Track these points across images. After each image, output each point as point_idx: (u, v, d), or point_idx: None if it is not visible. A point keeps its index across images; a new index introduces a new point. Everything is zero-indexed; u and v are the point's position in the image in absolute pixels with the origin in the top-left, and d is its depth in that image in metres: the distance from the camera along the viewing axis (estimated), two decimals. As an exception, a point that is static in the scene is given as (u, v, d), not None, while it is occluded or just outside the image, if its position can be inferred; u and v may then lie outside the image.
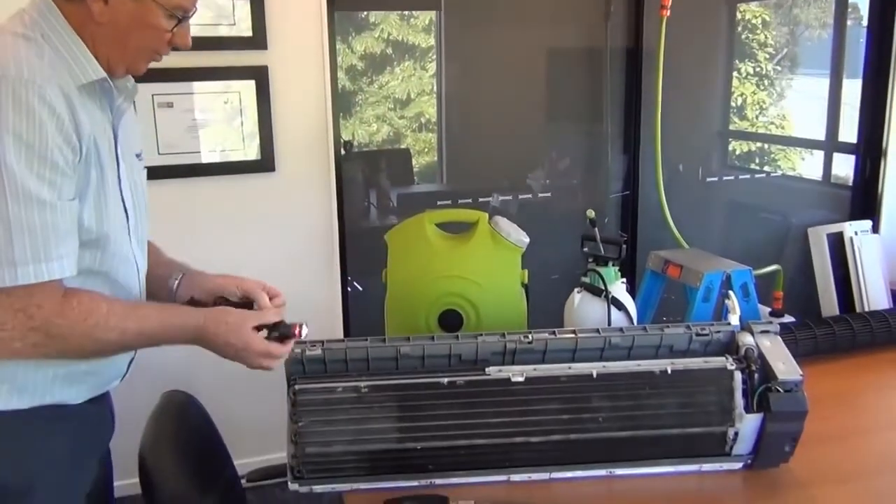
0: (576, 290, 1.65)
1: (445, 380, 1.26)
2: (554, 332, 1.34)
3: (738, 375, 1.31)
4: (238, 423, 1.89)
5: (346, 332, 2.72)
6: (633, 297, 1.69)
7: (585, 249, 1.67)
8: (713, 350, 1.37)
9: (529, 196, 3.02)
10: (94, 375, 1.22)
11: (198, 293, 1.33)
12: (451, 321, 1.62)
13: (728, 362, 1.32)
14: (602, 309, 1.59)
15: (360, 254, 2.79)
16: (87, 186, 1.12)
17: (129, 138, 1.27)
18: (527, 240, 1.64)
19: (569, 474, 1.32)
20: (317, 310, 2.64)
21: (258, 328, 1.20)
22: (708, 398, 1.32)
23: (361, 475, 1.28)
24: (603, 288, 1.59)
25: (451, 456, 1.29)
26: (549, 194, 3.08)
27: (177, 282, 1.37)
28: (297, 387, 1.25)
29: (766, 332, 1.36)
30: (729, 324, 1.38)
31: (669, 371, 1.30)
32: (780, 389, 1.29)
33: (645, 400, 1.31)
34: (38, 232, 1.04)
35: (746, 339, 1.34)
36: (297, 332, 1.23)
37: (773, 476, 1.35)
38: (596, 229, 1.66)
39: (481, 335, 1.32)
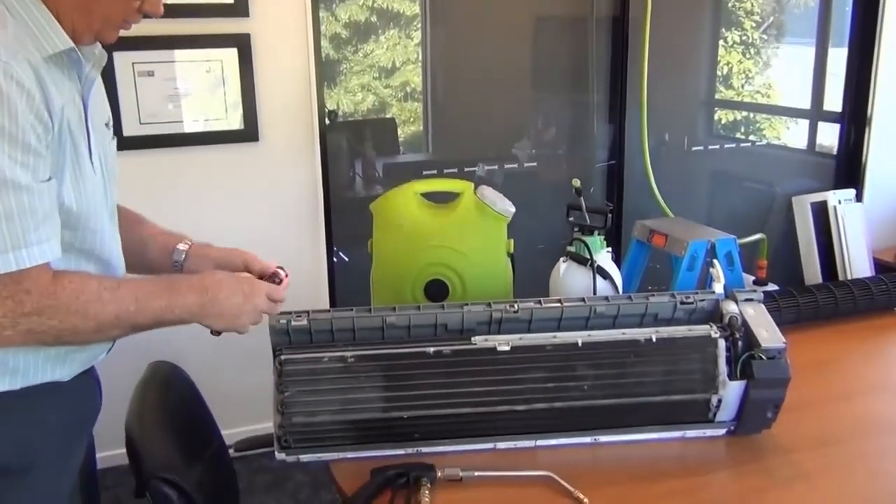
0: (561, 259, 1.65)
1: (431, 349, 1.26)
2: (540, 302, 1.34)
3: (721, 343, 1.31)
4: (225, 393, 1.89)
5: (332, 303, 2.72)
6: (619, 266, 1.68)
7: (571, 219, 1.66)
8: (697, 318, 1.37)
9: (515, 166, 3.01)
10: (82, 352, 1.20)
11: (204, 267, 1.31)
12: (437, 291, 1.61)
13: (712, 330, 1.32)
14: (587, 278, 1.59)
15: (346, 224, 2.77)
16: (64, 163, 1.09)
17: (98, 107, 1.22)
18: (512, 209, 1.63)
19: (553, 441, 1.33)
20: (303, 280, 2.62)
21: None
22: (692, 366, 1.32)
23: (348, 444, 1.28)
24: (588, 257, 1.59)
25: (437, 425, 1.29)
26: (534, 164, 3.07)
27: (184, 254, 1.34)
28: (282, 357, 1.24)
29: (750, 300, 1.36)
30: (713, 292, 1.38)
31: (654, 339, 1.30)
32: (763, 357, 1.29)
33: (630, 368, 1.31)
34: (15, 218, 1.00)
35: (730, 308, 1.35)
36: (284, 275, 1.30)
37: (755, 441, 1.36)
38: (581, 199, 1.65)
39: (467, 305, 1.32)
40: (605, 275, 1.60)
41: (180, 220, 1.48)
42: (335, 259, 2.75)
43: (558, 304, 1.34)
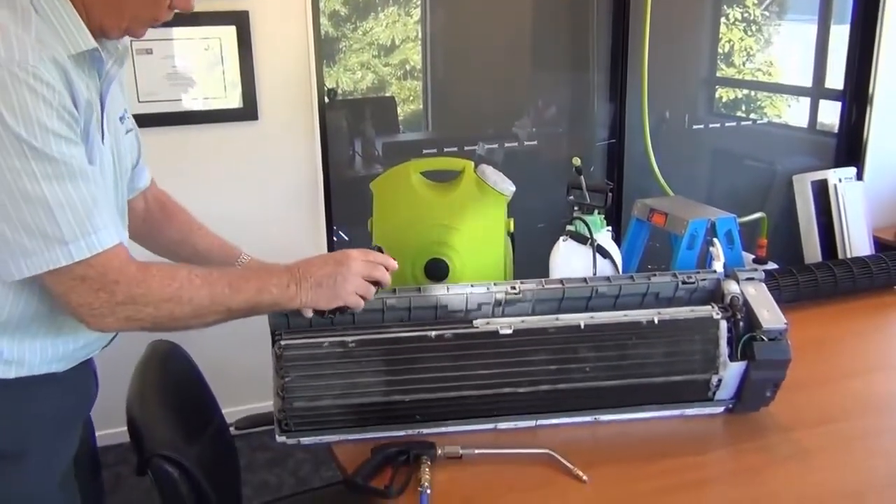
0: (561, 238, 1.64)
1: (433, 333, 1.25)
2: (541, 283, 1.32)
3: (723, 325, 1.30)
4: (225, 372, 1.89)
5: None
6: (619, 245, 1.68)
7: (571, 198, 1.66)
8: (699, 298, 1.37)
9: (515, 144, 2.98)
10: (82, 349, 1.20)
11: None
12: (437, 270, 1.60)
13: (714, 311, 1.31)
14: (587, 257, 1.58)
15: (346, 203, 2.76)
16: (92, 158, 1.09)
17: (115, 102, 1.22)
18: (513, 188, 1.62)
19: (554, 421, 1.33)
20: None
21: None
22: (693, 346, 1.32)
23: (349, 427, 1.28)
24: (588, 236, 1.58)
25: (439, 407, 1.29)
26: (535, 143, 3.05)
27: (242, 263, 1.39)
28: (282, 342, 1.22)
29: (751, 279, 1.36)
30: (714, 271, 1.37)
31: (656, 321, 1.29)
32: (764, 338, 1.29)
33: (631, 349, 1.30)
34: (77, 205, 1.01)
35: (732, 287, 1.34)
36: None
37: (754, 419, 1.36)
38: (582, 177, 1.64)
39: (469, 286, 1.31)
40: (605, 254, 1.59)
41: (179, 199, 1.48)
42: (335, 238, 2.74)
43: (560, 285, 1.32)
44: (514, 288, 1.30)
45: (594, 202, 1.63)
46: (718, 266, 1.39)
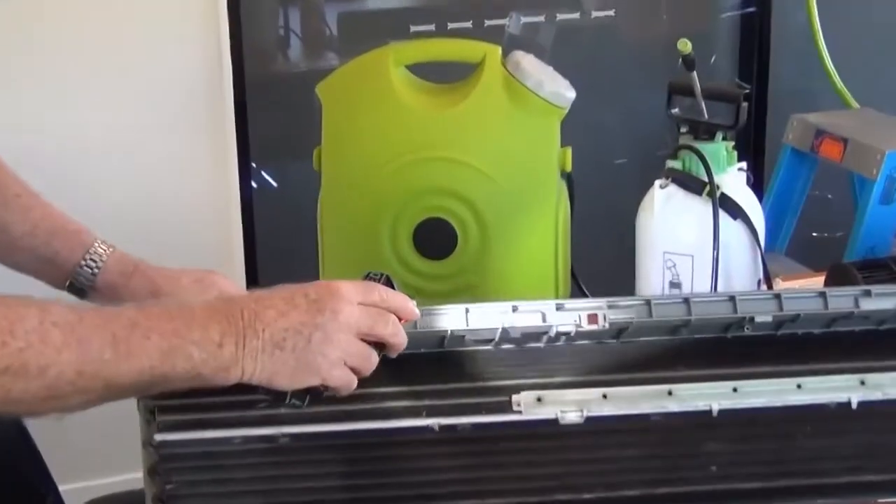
0: (657, 182, 1.62)
1: (436, 423, 1.21)
2: (648, 304, 1.29)
3: None
4: (66, 431, 1.92)
5: (250, 267, 2.71)
6: (760, 195, 1.69)
7: (675, 111, 1.65)
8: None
9: (576, 16, 3.00)
10: None
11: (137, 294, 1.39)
12: (435, 240, 1.61)
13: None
14: (703, 216, 1.56)
15: (273, 123, 2.70)
16: None
17: None
18: (571, 94, 1.61)
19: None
20: (196, 228, 2.56)
21: None
22: None
23: None
24: (706, 180, 1.58)
25: None
26: (611, 13, 3.04)
27: (102, 259, 1.44)
28: (157, 438, 1.19)
29: None
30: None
31: (855, 405, 1.27)
32: None
33: (801, 442, 1.29)
34: None
35: None
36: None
37: None
38: (694, 74, 1.62)
39: (507, 308, 1.27)
40: (736, 211, 1.59)
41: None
42: (254, 185, 2.71)
43: (682, 303, 1.30)
44: (595, 318, 1.28)
45: (717, 120, 1.63)
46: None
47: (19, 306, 1.07)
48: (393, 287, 1.22)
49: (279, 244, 2.70)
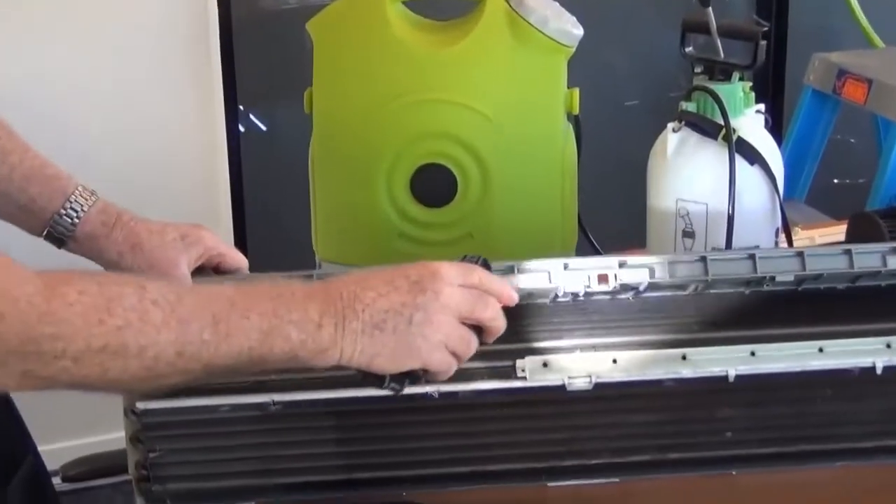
0: (670, 126, 1.58)
1: (437, 389, 1.21)
2: (662, 264, 1.26)
3: None
4: (45, 392, 1.90)
5: (238, 215, 2.67)
6: (778, 139, 1.63)
7: (689, 49, 1.61)
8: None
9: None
10: None
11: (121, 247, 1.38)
12: (433, 187, 1.57)
13: None
14: (718, 162, 1.53)
15: (262, 62, 2.71)
16: None
17: None
18: (578, 32, 1.58)
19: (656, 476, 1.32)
20: (181, 174, 2.59)
21: None
22: None
23: (272, 494, 1.29)
24: (721, 123, 1.54)
25: (441, 479, 1.29)
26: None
27: (81, 208, 1.40)
28: (139, 406, 1.21)
29: None
30: None
31: (880, 370, 1.25)
32: None
33: (820, 406, 1.29)
34: None
35: None
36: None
37: None
38: (710, 11, 1.58)
39: (506, 267, 1.25)
40: (753, 156, 1.55)
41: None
42: (242, 128, 2.71)
43: (700, 262, 1.27)
44: (604, 279, 1.26)
45: (733, 59, 1.59)
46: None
47: (115, 284, 1.07)
48: (490, 270, 1.19)
49: (269, 191, 2.67)
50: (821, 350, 1.25)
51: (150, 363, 1.06)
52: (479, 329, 1.15)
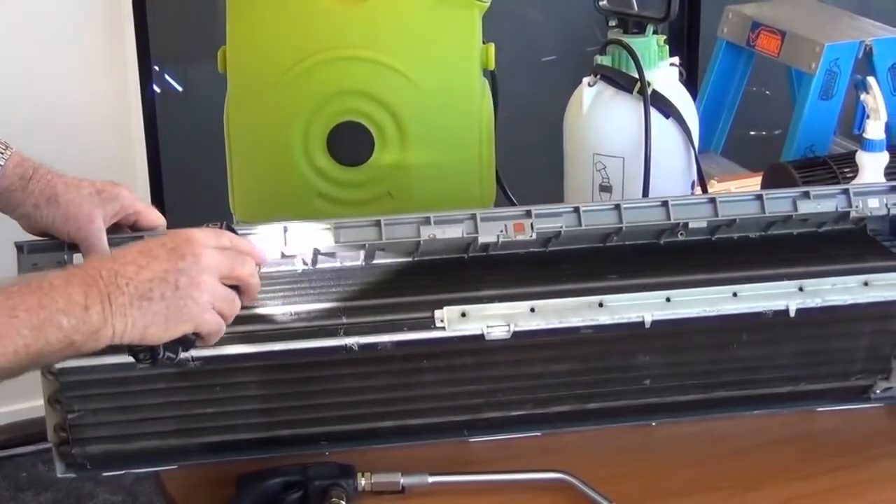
0: (586, 80, 1.62)
1: (354, 342, 1.23)
2: (576, 212, 1.30)
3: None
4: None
5: (154, 179, 2.67)
6: (693, 92, 1.67)
7: (603, 3, 1.64)
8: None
9: None
10: None
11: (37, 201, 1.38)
12: (351, 145, 1.59)
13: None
14: (634, 115, 1.57)
15: (175, 19, 2.71)
16: None
17: None
18: None
19: (571, 429, 1.37)
20: (95, 135, 2.59)
21: None
22: (850, 343, 1.36)
23: (192, 453, 1.32)
24: (636, 76, 1.58)
25: (363, 435, 1.33)
26: None
27: None
28: (57, 364, 1.21)
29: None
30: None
31: (793, 311, 1.28)
32: None
33: (737, 351, 1.33)
34: None
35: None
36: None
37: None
38: (623, -37, 1.57)
39: (426, 219, 1.28)
40: (668, 109, 1.59)
41: None
42: (156, 88, 2.70)
43: (614, 209, 1.31)
44: (520, 228, 1.30)
45: (647, 12, 1.62)
46: (876, 131, 1.39)
47: None
48: (235, 233, 1.24)
49: (185, 152, 2.66)
50: (735, 294, 1.28)
51: None
52: (237, 289, 1.19)
